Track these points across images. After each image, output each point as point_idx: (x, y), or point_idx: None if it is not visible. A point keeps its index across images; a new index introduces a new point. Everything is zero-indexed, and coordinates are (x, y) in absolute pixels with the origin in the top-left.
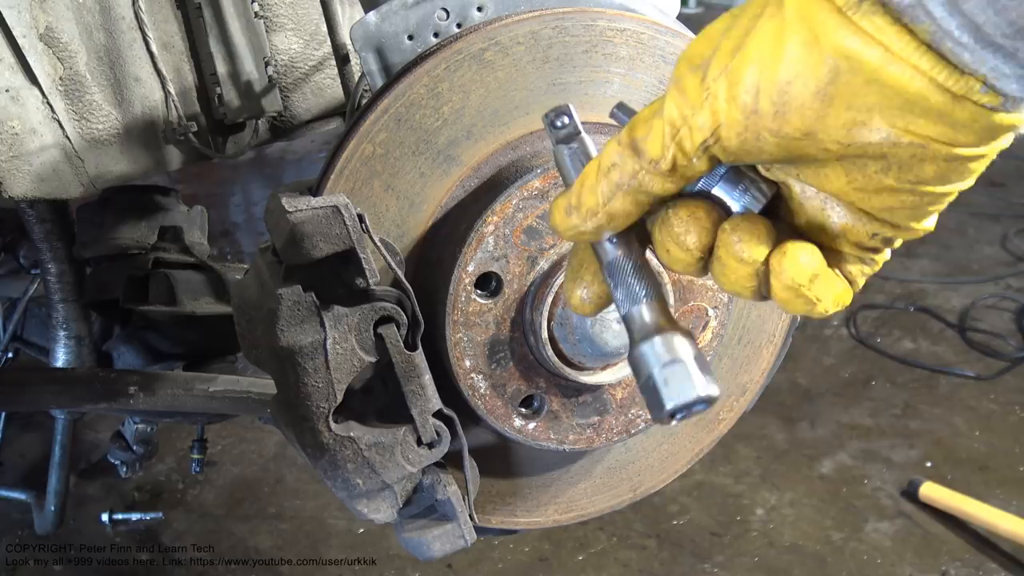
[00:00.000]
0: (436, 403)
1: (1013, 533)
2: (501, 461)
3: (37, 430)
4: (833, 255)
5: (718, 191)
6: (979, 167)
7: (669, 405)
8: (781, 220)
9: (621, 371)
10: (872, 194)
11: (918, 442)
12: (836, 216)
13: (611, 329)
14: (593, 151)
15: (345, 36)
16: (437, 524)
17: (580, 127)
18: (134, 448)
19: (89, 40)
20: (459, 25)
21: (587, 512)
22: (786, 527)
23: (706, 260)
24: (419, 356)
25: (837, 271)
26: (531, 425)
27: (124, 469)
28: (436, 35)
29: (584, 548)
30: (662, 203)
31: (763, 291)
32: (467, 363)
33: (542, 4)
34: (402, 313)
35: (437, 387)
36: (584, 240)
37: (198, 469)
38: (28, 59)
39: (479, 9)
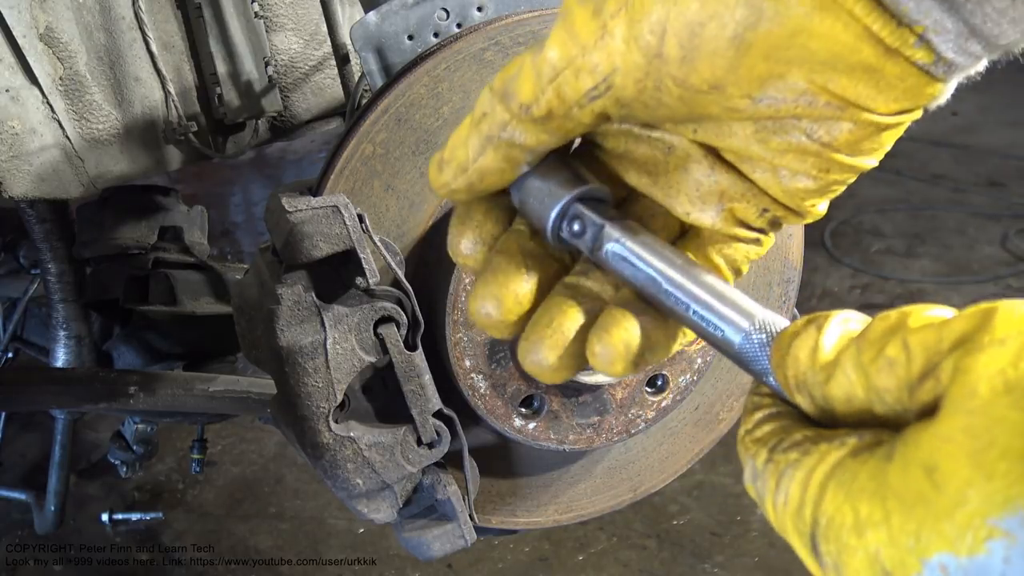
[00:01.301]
0: (436, 403)
1: None
2: (501, 461)
3: (37, 430)
4: (713, 238)
5: (533, 181)
6: (889, 140)
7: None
8: (633, 203)
9: None
10: (777, 153)
11: None
12: (722, 188)
13: None
14: (636, 239)
15: (345, 36)
16: (437, 524)
17: (600, 218)
18: (134, 448)
19: (89, 40)
20: (459, 25)
21: (587, 512)
22: None
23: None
24: (419, 356)
25: (717, 255)
26: (531, 425)
27: (124, 469)
28: (436, 35)
29: (584, 548)
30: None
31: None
32: (467, 363)
33: (542, 4)
34: (402, 313)
35: (437, 387)
36: (458, 199)
37: (198, 469)
38: (28, 59)
39: (479, 9)
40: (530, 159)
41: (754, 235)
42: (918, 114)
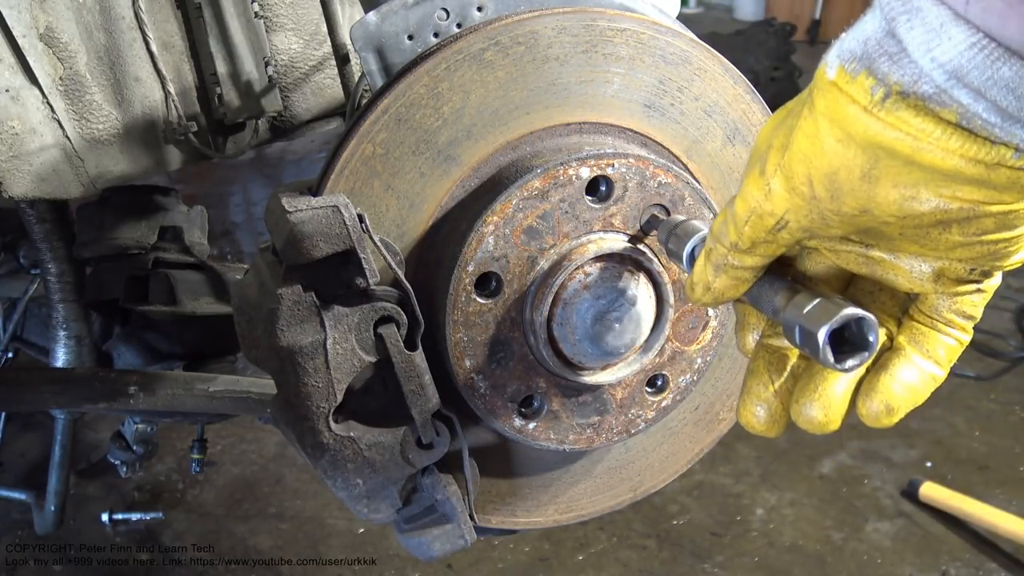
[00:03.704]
0: (436, 403)
1: (1013, 533)
2: (501, 461)
3: (37, 430)
4: (940, 298)
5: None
6: None
7: (821, 333)
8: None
9: (621, 371)
10: (946, 251)
11: (918, 442)
12: (927, 267)
13: (612, 329)
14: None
15: (345, 36)
16: (437, 524)
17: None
18: (134, 448)
19: (89, 40)
20: (459, 25)
21: (587, 512)
22: (786, 527)
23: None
24: (419, 356)
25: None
26: (531, 425)
27: (124, 469)
28: (436, 35)
29: (584, 548)
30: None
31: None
32: (467, 363)
33: (542, 4)
34: (402, 313)
35: (437, 387)
36: (710, 306)
37: (198, 469)
38: (28, 59)
39: (479, 9)
40: (751, 276)
41: (972, 287)
42: None
